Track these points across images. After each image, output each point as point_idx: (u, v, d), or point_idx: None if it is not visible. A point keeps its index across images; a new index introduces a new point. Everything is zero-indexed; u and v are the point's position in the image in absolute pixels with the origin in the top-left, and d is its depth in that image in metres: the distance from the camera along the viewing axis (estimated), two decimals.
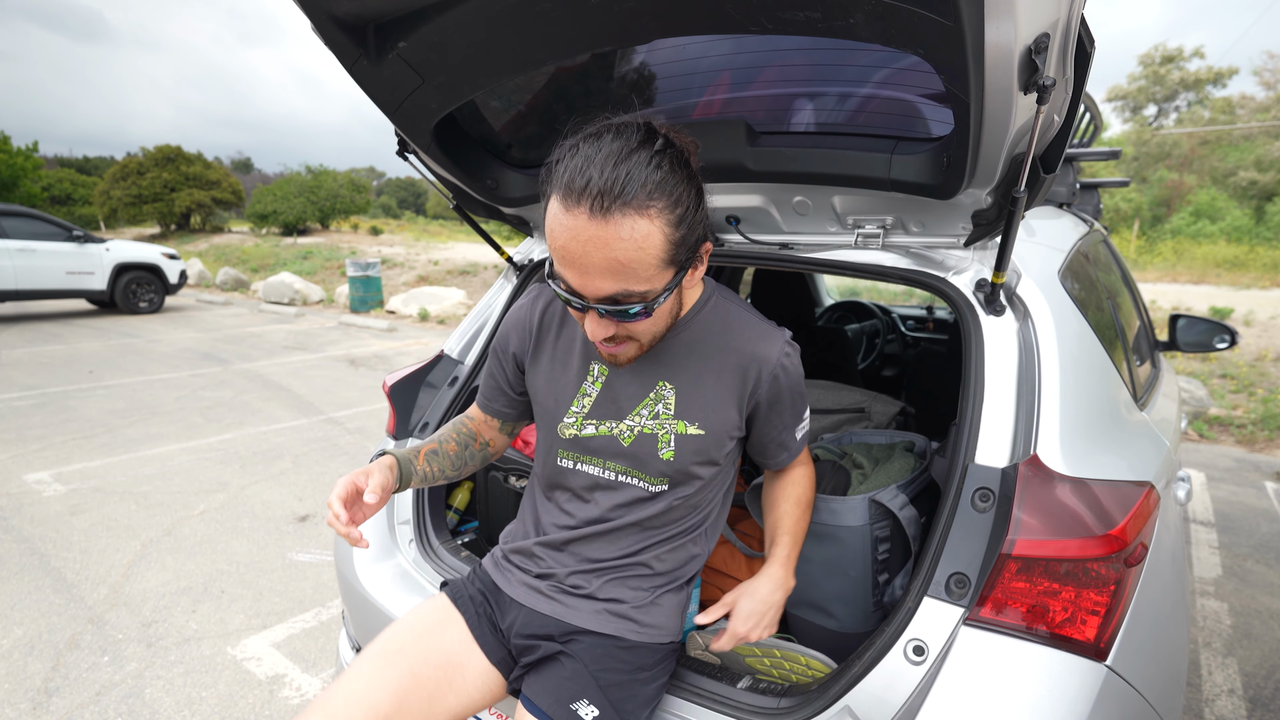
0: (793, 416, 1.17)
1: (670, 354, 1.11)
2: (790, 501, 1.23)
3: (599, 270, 0.87)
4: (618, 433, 1.12)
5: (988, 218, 1.16)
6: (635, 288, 0.89)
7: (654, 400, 1.11)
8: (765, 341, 1.10)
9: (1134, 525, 1.01)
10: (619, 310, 0.92)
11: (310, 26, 1.08)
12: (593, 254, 0.86)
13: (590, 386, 1.14)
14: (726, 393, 1.10)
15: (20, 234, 9.39)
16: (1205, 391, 5.61)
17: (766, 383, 1.09)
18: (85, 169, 40.39)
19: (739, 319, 1.13)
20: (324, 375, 6.59)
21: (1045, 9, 0.76)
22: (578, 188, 0.84)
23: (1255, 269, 13.98)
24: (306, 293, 12.46)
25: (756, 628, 1.12)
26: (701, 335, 1.11)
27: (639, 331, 0.99)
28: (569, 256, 0.88)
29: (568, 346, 1.18)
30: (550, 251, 0.91)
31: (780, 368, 1.10)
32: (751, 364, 1.09)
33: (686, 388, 1.10)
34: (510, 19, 1.05)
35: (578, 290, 0.91)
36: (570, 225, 0.85)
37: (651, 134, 0.88)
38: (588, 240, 0.85)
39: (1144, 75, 28.53)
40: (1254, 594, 2.83)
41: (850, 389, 1.96)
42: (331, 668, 2.26)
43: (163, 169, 23.76)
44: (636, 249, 0.86)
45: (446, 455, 1.26)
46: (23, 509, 3.45)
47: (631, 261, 0.87)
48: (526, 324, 1.20)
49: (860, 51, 1.09)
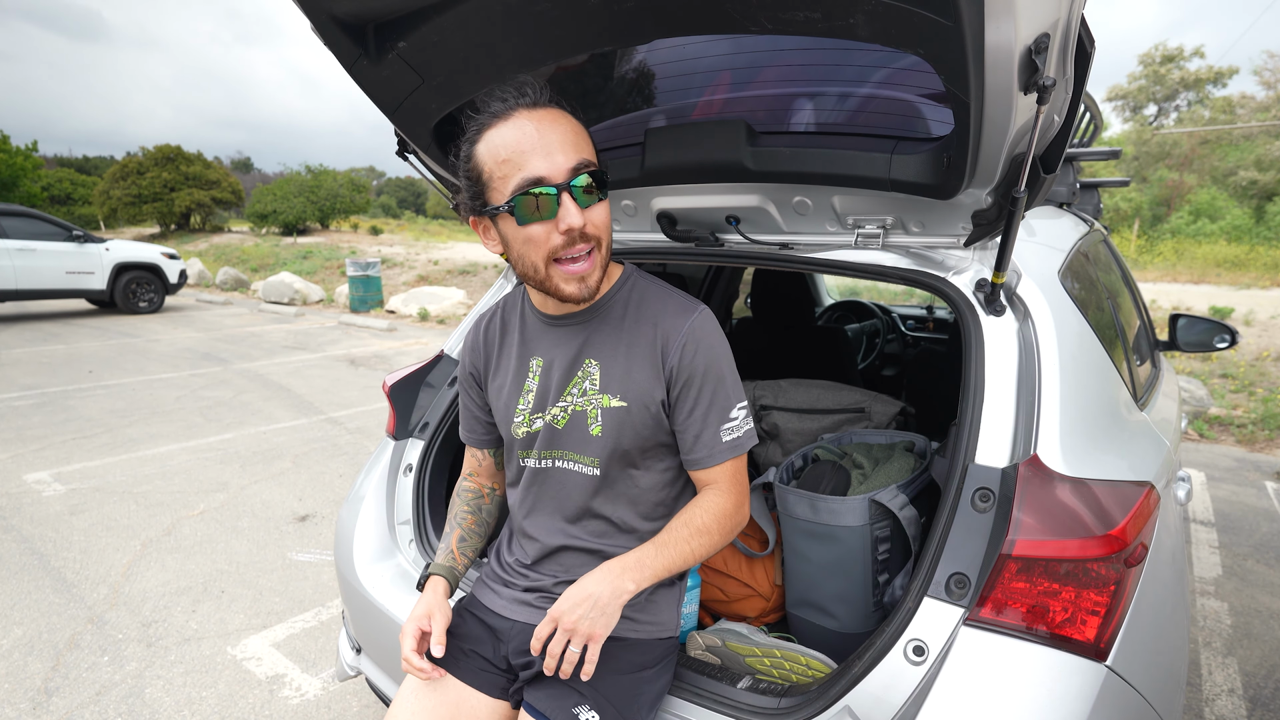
0: (711, 404, 1.10)
1: (594, 332, 1.15)
2: (681, 520, 1.11)
3: (554, 142, 0.97)
4: (551, 418, 1.16)
5: (988, 218, 1.16)
6: (587, 155, 1.01)
7: (581, 378, 1.14)
8: (680, 313, 1.12)
9: (1134, 525, 1.01)
10: (584, 184, 1.00)
11: (310, 26, 1.08)
12: (546, 131, 0.97)
13: (531, 381, 1.19)
14: (645, 363, 1.12)
15: (20, 234, 9.39)
16: (1205, 391, 5.61)
17: (676, 351, 1.10)
18: (85, 169, 40.37)
19: (656, 294, 1.16)
20: (324, 375, 6.59)
21: (1045, 9, 0.76)
22: (500, 107, 0.99)
23: (1255, 269, 13.97)
24: (306, 292, 12.46)
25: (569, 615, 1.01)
26: (622, 311, 1.15)
27: (600, 224, 1.05)
28: (531, 145, 0.97)
29: (511, 352, 1.22)
30: (506, 170, 0.98)
31: (690, 336, 1.10)
32: (663, 334, 1.11)
33: (609, 361, 1.14)
34: (510, 19, 1.05)
35: (548, 177, 0.97)
36: (517, 124, 0.97)
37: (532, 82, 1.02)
38: (539, 121, 0.98)
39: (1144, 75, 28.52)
40: (1254, 594, 2.83)
41: (850, 389, 1.96)
42: (331, 667, 2.26)
43: (162, 169, 23.74)
44: (572, 122, 1.01)
45: (473, 532, 1.30)
46: (23, 509, 3.45)
47: (574, 131, 1.00)
48: (477, 345, 1.27)
49: (860, 51, 1.09)
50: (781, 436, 1.99)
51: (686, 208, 1.47)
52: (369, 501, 1.67)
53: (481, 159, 1.00)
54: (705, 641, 1.34)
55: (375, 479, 1.70)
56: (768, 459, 2.06)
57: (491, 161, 0.99)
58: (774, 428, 2.00)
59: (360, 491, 1.70)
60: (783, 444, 2.00)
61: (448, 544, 1.27)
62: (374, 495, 1.68)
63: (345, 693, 2.15)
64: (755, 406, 2.03)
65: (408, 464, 1.68)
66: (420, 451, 1.68)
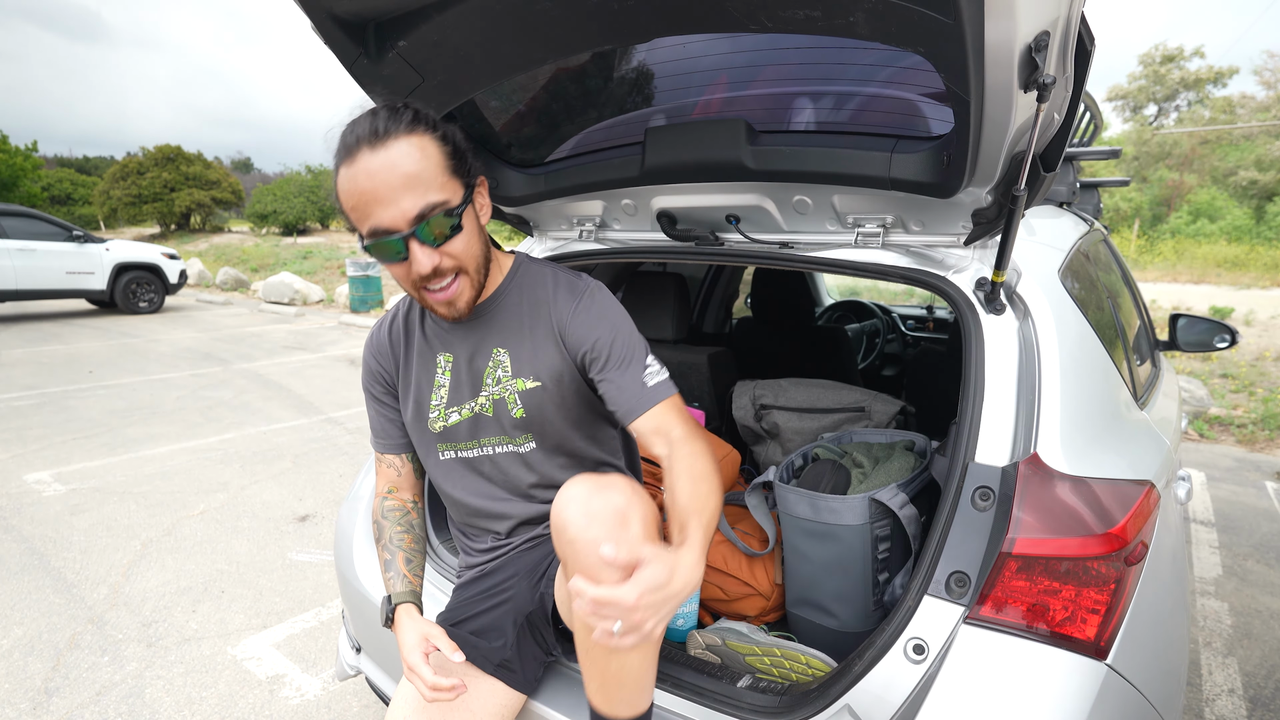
0: (619, 361, 1.11)
1: (497, 321, 1.18)
2: (685, 477, 0.98)
3: (396, 189, 0.95)
4: (478, 408, 1.18)
5: (988, 216, 1.16)
6: (434, 197, 0.98)
7: (494, 367, 1.17)
8: (569, 292, 1.17)
9: (1134, 524, 1.00)
10: (432, 226, 0.98)
11: (310, 26, 1.08)
12: (385, 177, 0.95)
13: (442, 377, 1.21)
14: (546, 340, 1.16)
15: (20, 234, 9.38)
16: (1205, 391, 5.60)
17: (572, 328, 1.14)
18: (85, 169, 40.37)
19: (547, 276, 1.20)
20: (324, 375, 6.59)
21: (1045, 7, 0.76)
22: (350, 142, 0.96)
23: (1255, 269, 13.97)
24: (306, 292, 12.46)
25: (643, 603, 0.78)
26: (518, 298, 1.19)
27: (459, 254, 1.04)
28: (368, 194, 0.96)
29: (414, 351, 1.24)
30: (356, 214, 0.99)
31: (583, 310, 1.14)
32: (557, 315, 1.15)
33: (516, 346, 1.17)
34: (510, 18, 1.05)
35: (390, 226, 0.97)
36: (357, 169, 0.96)
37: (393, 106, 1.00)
38: (376, 170, 0.95)
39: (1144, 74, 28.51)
40: (1254, 594, 2.83)
41: (850, 388, 1.97)
42: (331, 667, 2.26)
43: (162, 169, 23.76)
44: (421, 157, 0.97)
45: (415, 551, 1.26)
46: (23, 509, 3.45)
47: (420, 171, 0.96)
48: (381, 348, 1.26)
49: (860, 50, 1.09)
50: (781, 436, 1.99)
51: (686, 207, 1.47)
52: (369, 502, 1.67)
53: (340, 196, 1.01)
54: (705, 640, 1.34)
55: (375, 479, 1.70)
56: (768, 458, 2.06)
57: (345, 203, 1.00)
58: (774, 427, 2.00)
59: (360, 491, 1.70)
60: (783, 443, 2.00)
61: (397, 570, 1.20)
62: (374, 495, 1.67)
63: (345, 692, 2.15)
64: (755, 406, 2.03)
65: None
66: None
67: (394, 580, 1.19)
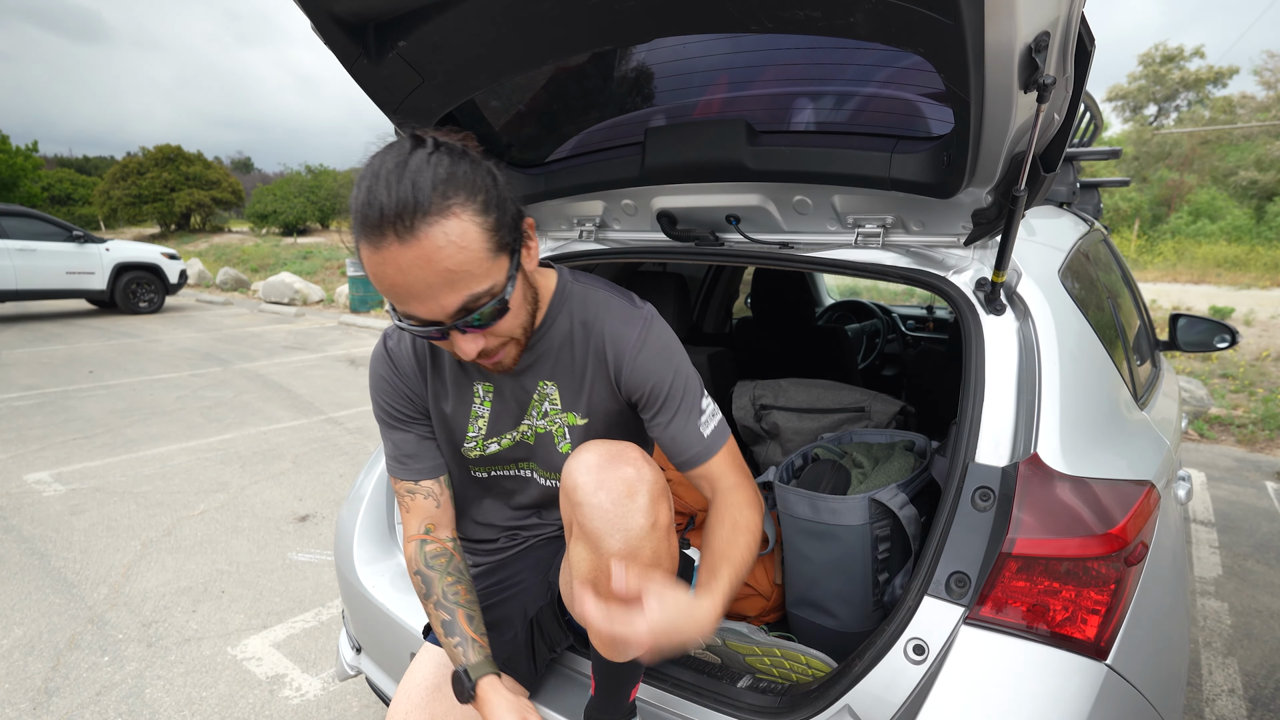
0: (677, 405, 1.05)
1: (544, 353, 1.08)
2: (728, 526, 1.00)
3: (436, 289, 0.83)
4: (520, 436, 1.13)
5: (988, 217, 1.16)
6: (478, 288, 0.85)
7: (539, 400, 1.10)
8: (626, 323, 1.06)
9: (1134, 524, 1.00)
10: (476, 318, 0.88)
11: (310, 26, 1.08)
12: (421, 277, 0.81)
13: (480, 408, 1.12)
14: (599, 377, 1.08)
15: (20, 234, 9.38)
16: (1205, 391, 5.60)
17: (629, 366, 1.04)
18: (85, 169, 40.36)
19: (598, 300, 1.08)
20: (324, 375, 6.58)
21: (1045, 7, 0.76)
22: (373, 219, 0.79)
23: (1255, 269, 13.97)
24: (306, 293, 12.46)
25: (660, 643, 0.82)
26: (568, 325, 1.08)
27: (508, 329, 0.95)
28: (402, 291, 0.83)
29: (450, 379, 1.12)
30: (383, 294, 0.86)
31: (642, 347, 1.04)
32: (614, 349, 1.05)
33: (565, 380, 1.09)
34: (510, 18, 1.05)
35: (428, 319, 0.87)
36: (386, 261, 0.81)
37: (418, 139, 0.84)
38: (409, 267, 0.81)
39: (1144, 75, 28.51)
40: (1254, 594, 2.83)
41: (850, 388, 1.96)
42: (332, 667, 2.26)
43: (163, 169, 23.76)
44: (459, 251, 0.82)
45: (472, 604, 1.11)
46: (23, 509, 3.45)
47: (461, 266, 0.82)
48: (405, 367, 1.12)
49: (860, 50, 1.09)
50: (781, 436, 1.99)
51: (686, 207, 1.47)
52: (369, 502, 1.67)
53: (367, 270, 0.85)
54: (705, 640, 1.34)
55: (375, 479, 1.70)
56: (768, 458, 2.06)
57: (373, 281, 0.85)
58: (774, 427, 2.00)
59: (360, 491, 1.71)
60: (783, 443, 2.00)
61: (462, 634, 1.05)
62: (374, 495, 1.68)
63: (345, 693, 2.15)
64: (755, 406, 2.03)
65: None
66: None
67: (463, 647, 1.04)
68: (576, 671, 1.30)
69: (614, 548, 0.90)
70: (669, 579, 0.95)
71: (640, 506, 0.91)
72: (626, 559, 0.90)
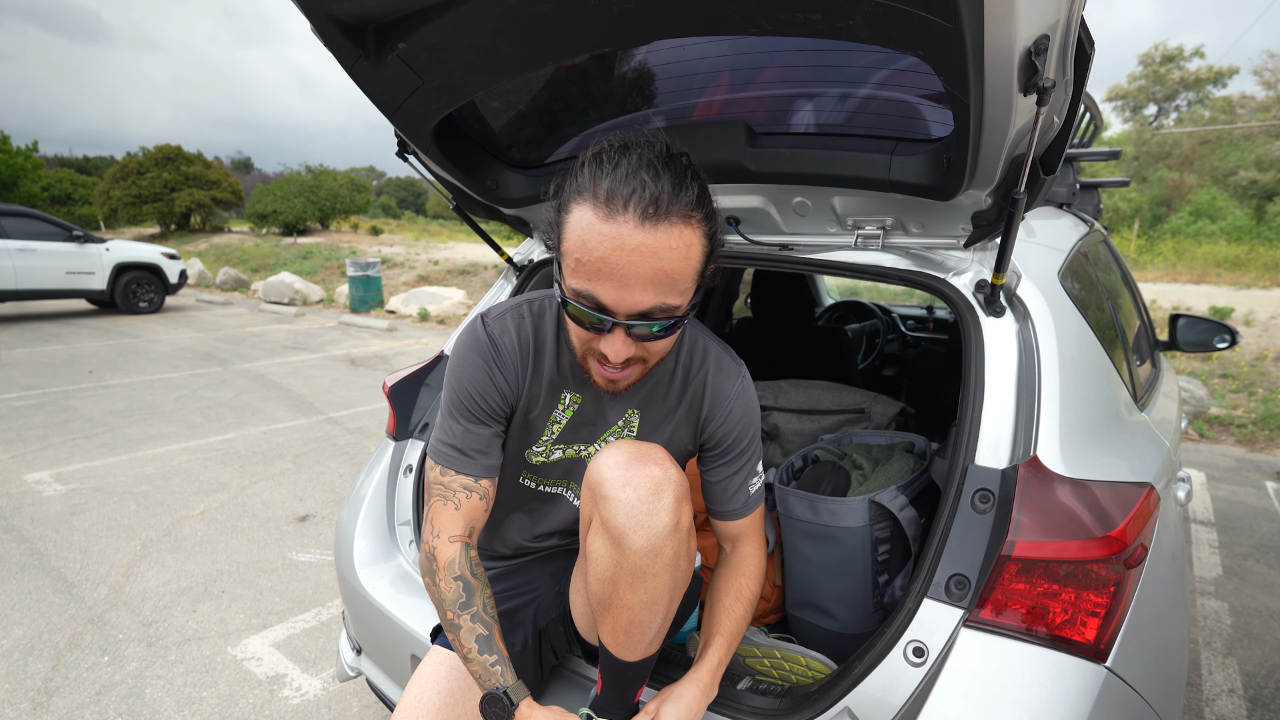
0: (743, 462, 1.13)
1: (644, 382, 1.10)
2: (732, 596, 1.12)
3: (642, 282, 0.83)
4: (584, 453, 1.14)
5: (988, 219, 1.16)
6: (671, 300, 0.86)
7: (622, 425, 1.12)
8: (727, 377, 1.12)
9: (1134, 526, 1.01)
10: (648, 327, 0.88)
11: (310, 27, 1.08)
12: (639, 264, 0.82)
13: (560, 414, 1.12)
14: (686, 422, 1.13)
15: (20, 234, 9.38)
16: (1205, 391, 5.60)
17: (721, 418, 1.11)
18: (85, 169, 40.37)
19: (703, 349, 1.12)
20: (324, 375, 6.58)
21: (1045, 10, 0.76)
22: (623, 195, 0.80)
23: (1255, 269, 13.96)
24: (306, 293, 12.46)
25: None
26: (672, 364, 1.11)
27: (654, 351, 0.96)
28: (610, 268, 0.82)
29: (547, 379, 1.10)
30: (577, 266, 0.85)
31: (736, 403, 1.11)
32: (711, 397, 1.11)
33: (651, 413, 1.12)
34: (510, 20, 1.05)
35: (610, 306, 0.86)
36: (614, 234, 0.81)
37: (669, 148, 0.86)
38: (634, 249, 0.81)
39: (1144, 75, 28.51)
40: (1254, 594, 2.83)
41: (850, 389, 1.96)
42: (332, 667, 2.27)
43: (163, 169, 23.73)
44: (682, 259, 0.84)
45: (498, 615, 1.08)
46: (23, 509, 3.45)
47: (675, 272, 0.84)
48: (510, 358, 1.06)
49: (860, 52, 1.09)
50: (781, 437, 1.99)
51: None
52: (369, 502, 1.67)
53: (567, 226, 0.85)
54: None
55: (375, 480, 1.70)
56: (767, 460, 2.06)
57: (572, 240, 0.85)
58: (774, 428, 2.00)
59: (360, 492, 1.71)
60: (782, 445, 2.00)
61: (498, 651, 0.98)
62: (374, 496, 1.68)
63: (345, 693, 2.15)
64: None
65: (408, 465, 1.68)
66: (421, 452, 1.68)
67: (499, 667, 0.97)
68: (577, 674, 1.30)
69: (637, 545, 0.90)
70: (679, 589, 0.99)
71: (666, 505, 0.92)
72: (648, 556, 0.91)
